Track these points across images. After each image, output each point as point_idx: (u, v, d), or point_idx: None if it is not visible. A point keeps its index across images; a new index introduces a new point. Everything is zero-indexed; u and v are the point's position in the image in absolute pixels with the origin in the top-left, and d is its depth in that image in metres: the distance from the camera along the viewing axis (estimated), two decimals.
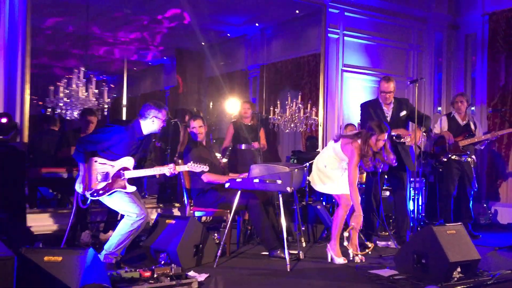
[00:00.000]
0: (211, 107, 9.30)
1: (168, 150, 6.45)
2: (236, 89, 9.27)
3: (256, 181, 4.18)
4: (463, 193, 6.12)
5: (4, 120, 4.72)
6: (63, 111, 5.74)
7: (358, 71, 7.70)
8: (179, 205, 6.42)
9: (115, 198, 4.00)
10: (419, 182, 6.32)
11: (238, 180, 4.28)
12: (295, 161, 6.74)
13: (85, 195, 3.97)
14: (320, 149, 7.36)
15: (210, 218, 6.31)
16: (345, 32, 7.63)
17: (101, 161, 3.98)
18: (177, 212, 6.62)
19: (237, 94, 8.92)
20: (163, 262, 4.05)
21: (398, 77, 5.18)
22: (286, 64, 8.60)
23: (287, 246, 4.19)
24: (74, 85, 5.74)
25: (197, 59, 9.73)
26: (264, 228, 4.56)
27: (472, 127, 6.13)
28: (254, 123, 6.04)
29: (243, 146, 5.96)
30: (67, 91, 5.72)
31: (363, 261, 4.46)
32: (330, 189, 4.59)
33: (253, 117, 6.04)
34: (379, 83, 5.31)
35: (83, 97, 5.72)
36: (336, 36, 7.57)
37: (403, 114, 5.16)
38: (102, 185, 3.97)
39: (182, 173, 4.91)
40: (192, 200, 4.87)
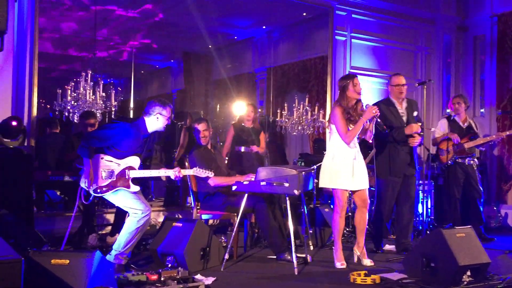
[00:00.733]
0: (218, 110, 9.31)
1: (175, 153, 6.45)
2: (243, 92, 9.27)
3: (263, 183, 4.15)
4: (470, 196, 6.05)
5: (14, 123, 4.74)
6: (70, 114, 5.76)
7: (365, 73, 7.66)
8: (186, 207, 6.43)
9: (119, 195, 3.98)
10: (428, 184, 6.27)
11: (245, 183, 4.26)
12: (303, 163, 6.71)
13: (88, 191, 3.94)
14: None
15: (217, 221, 6.32)
16: (352, 34, 7.61)
17: (107, 158, 3.96)
18: (184, 215, 6.62)
19: (244, 97, 8.92)
20: (170, 265, 4.04)
21: (406, 79, 5.13)
22: (293, 66, 8.59)
23: (294, 249, 4.16)
24: (81, 88, 5.76)
25: (205, 62, 9.75)
26: (271, 231, 4.53)
27: (474, 129, 6.07)
28: (256, 126, 6.01)
29: (242, 148, 5.93)
30: (75, 94, 5.75)
31: (372, 265, 4.42)
32: (328, 182, 4.44)
33: (256, 120, 6.02)
34: (388, 82, 5.15)
35: (91, 100, 5.74)
36: (343, 38, 7.55)
37: (415, 114, 5.00)
38: (106, 182, 3.95)
39: (189, 176, 4.90)
40: (199, 203, 4.86)
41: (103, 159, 3.96)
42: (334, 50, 7.46)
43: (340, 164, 4.38)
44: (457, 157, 5.97)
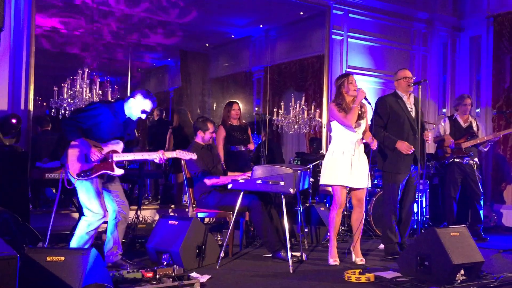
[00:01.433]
0: (214, 108, 9.30)
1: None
2: (240, 91, 9.27)
3: (258, 182, 4.17)
4: (469, 196, 6.08)
5: (14, 120, 4.74)
6: (67, 112, 5.75)
7: (362, 73, 7.69)
8: (182, 206, 6.43)
9: (83, 187, 3.89)
10: (423, 184, 6.30)
11: (241, 181, 4.28)
12: (299, 162, 6.73)
13: (72, 175, 3.87)
14: (324, 151, 7.36)
15: (213, 219, 6.33)
16: (349, 33, 7.63)
17: (91, 142, 3.90)
18: (180, 213, 6.63)
19: (241, 95, 8.92)
20: (165, 263, 4.06)
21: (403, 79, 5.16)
22: (290, 65, 8.59)
23: (290, 247, 4.18)
24: (78, 86, 5.76)
25: (202, 60, 9.74)
26: (266, 229, 4.55)
27: (474, 128, 6.10)
28: (242, 124, 6.03)
29: (235, 147, 5.93)
30: (71, 92, 5.74)
31: (363, 263, 4.45)
32: (327, 179, 4.47)
33: (241, 117, 6.06)
34: (394, 79, 5.01)
35: (87, 98, 5.73)
36: (340, 37, 7.57)
37: (420, 110, 4.91)
38: (90, 165, 3.88)
39: (185, 174, 4.92)
40: (195, 201, 4.87)
41: (86, 141, 3.88)
42: (330, 49, 7.48)
43: (338, 160, 4.41)
44: (454, 157, 6.00)
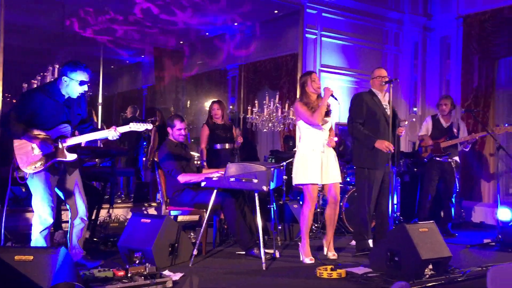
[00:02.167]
0: (188, 106, 9.27)
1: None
2: (214, 88, 9.26)
3: (232, 180, 4.18)
4: (443, 194, 6.21)
5: None
6: None
7: (335, 72, 7.77)
8: (156, 204, 6.39)
9: (35, 185, 3.75)
10: (394, 181, 6.40)
11: (214, 179, 4.28)
12: (273, 160, 6.76)
13: (24, 170, 3.71)
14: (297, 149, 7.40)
15: (187, 217, 6.31)
16: (322, 32, 7.70)
17: (36, 132, 3.73)
18: (153, 211, 6.60)
19: (215, 93, 8.91)
20: (137, 261, 4.02)
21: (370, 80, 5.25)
22: (264, 63, 8.62)
23: (263, 245, 4.20)
24: None
25: (176, 57, 9.69)
26: (239, 227, 4.56)
27: (454, 129, 6.24)
28: (227, 122, 6.03)
29: (218, 145, 5.94)
30: None
31: (335, 258, 4.51)
32: (299, 178, 4.50)
33: (225, 116, 6.04)
34: (370, 78, 5.07)
35: None
36: (313, 36, 7.63)
37: (395, 110, 5.00)
38: (39, 156, 3.73)
39: (158, 172, 4.89)
40: (168, 199, 4.85)
41: (31, 134, 3.71)
42: (304, 48, 7.54)
43: (308, 158, 4.46)
44: (433, 155, 6.14)
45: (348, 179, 6.39)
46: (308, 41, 7.58)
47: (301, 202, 6.17)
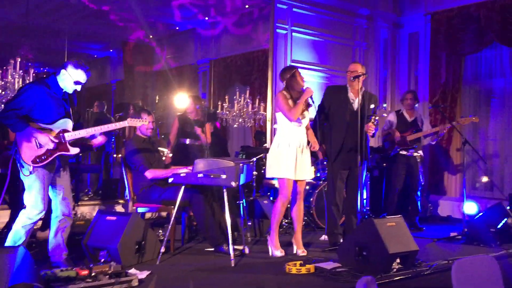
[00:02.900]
0: (157, 101, 9.14)
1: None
2: (185, 84, 9.14)
3: (200, 175, 4.11)
4: (410, 188, 6.29)
5: None
6: None
7: (306, 67, 7.76)
8: (123, 201, 6.27)
9: (34, 179, 3.72)
10: (364, 176, 6.45)
11: (182, 174, 4.21)
12: (244, 156, 6.72)
13: (26, 163, 3.68)
14: (268, 144, 7.38)
15: (155, 214, 6.21)
16: (293, 28, 7.67)
17: (37, 126, 3.72)
18: (121, 208, 6.47)
19: (186, 88, 8.79)
20: (103, 260, 3.92)
21: (344, 74, 5.25)
22: (236, 59, 8.57)
23: (232, 241, 4.15)
24: (9, 77, 5.46)
25: (145, 52, 9.53)
26: (208, 224, 4.51)
27: (419, 123, 6.32)
28: (200, 118, 5.96)
29: (187, 140, 5.87)
30: (2, 83, 5.44)
31: (305, 254, 4.50)
32: (273, 172, 4.48)
33: (199, 112, 5.95)
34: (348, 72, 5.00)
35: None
36: (284, 31, 7.60)
37: (372, 106, 4.92)
38: (43, 150, 3.72)
39: (124, 168, 4.78)
40: (135, 196, 4.75)
41: (33, 128, 3.69)
42: (275, 43, 7.50)
43: (284, 152, 4.43)
44: (399, 149, 6.19)
45: (318, 174, 6.39)
46: (279, 36, 7.55)
47: (272, 198, 6.17)
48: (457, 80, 7.62)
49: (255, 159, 5.52)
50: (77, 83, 3.85)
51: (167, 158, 5.67)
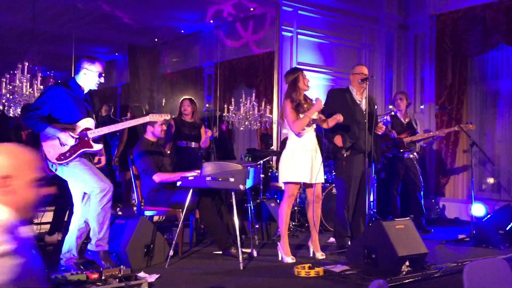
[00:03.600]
0: (164, 104, 9.16)
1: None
2: (190, 87, 9.16)
3: (208, 179, 4.12)
4: (411, 189, 6.27)
5: None
6: (5, 108, 5.48)
7: (311, 69, 7.76)
8: (129, 205, 6.28)
9: (73, 170, 3.80)
10: (371, 178, 6.44)
11: (190, 178, 4.21)
12: (250, 159, 6.72)
13: (51, 161, 3.76)
14: (274, 147, 7.39)
15: (163, 217, 6.22)
16: (298, 30, 7.68)
17: (61, 126, 3.80)
18: (127, 212, 6.47)
19: (191, 91, 8.81)
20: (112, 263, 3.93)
21: (350, 76, 5.26)
22: (241, 61, 8.57)
23: (240, 244, 4.15)
24: (17, 81, 5.49)
25: (151, 55, 9.56)
26: (216, 227, 4.51)
27: (414, 125, 6.30)
28: (195, 121, 5.93)
29: (182, 143, 5.84)
30: (10, 87, 5.47)
31: (323, 257, 4.49)
32: (290, 176, 4.42)
33: (195, 114, 5.93)
34: (350, 74, 5.07)
35: (27, 93, 5.48)
36: (290, 34, 7.61)
37: (375, 108, 5.01)
38: (66, 148, 3.79)
39: (132, 172, 4.79)
40: (143, 199, 4.76)
41: (54, 127, 3.77)
42: (280, 45, 7.51)
43: (298, 156, 4.39)
44: (396, 151, 6.18)
45: (325, 177, 6.38)
46: (284, 39, 7.56)
47: (278, 200, 6.17)
48: (463, 81, 7.60)
49: (261, 161, 5.52)
50: (100, 75, 3.93)
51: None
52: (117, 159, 6.66)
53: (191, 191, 4.25)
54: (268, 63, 7.82)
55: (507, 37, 7.02)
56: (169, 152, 5.77)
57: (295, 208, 5.96)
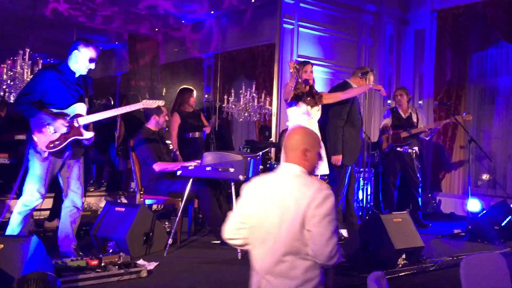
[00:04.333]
0: (163, 94, 9.15)
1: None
2: (190, 77, 9.14)
3: (208, 169, 4.14)
4: (408, 184, 6.31)
5: None
6: (6, 94, 5.48)
7: (312, 62, 7.75)
8: (126, 193, 6.30)
9: (37, 163, 3.72)
10: (367, 172, 6.49)
11: (190, 167, 4.24)
12: (249, 150, 6.74)
13: (42, 149, 3.70)
14: (273, 139, 7.41)
15: (161, 206, 6.25)
16: (299, 23, 7.67)
17: (51, 112, 3.73)
18: (127, 200, 6.51)
19: (191, 81, 8.80)
20: (111, 250, 3.95)
21: (350, 70, 5.28)
22: (241, 53, 8.55)
23: None
24: (18, 67, 5.48)
25: (151, 45, 9.53)
26: (214, 216, 4.55)
27: (414, 119, 6.33)
28: (196, 110, 5.98)
29: (190, 134, 5.87)
30: (11, 73, 5.45)
31: None
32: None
33: (193, 104, 5.98)
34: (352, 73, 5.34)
35: (28, 80, 5.47)
36: (291, 26, 7.60)
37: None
38: (57, 135, 3.72)
39: (132, 160, 4.81)
40: (142, 188, 4.79)
41: (45, 113, 3.70)
42: (281, 38, 7.51)
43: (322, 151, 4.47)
44: (393, 145, 6.22)
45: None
46: (285, 31, 7.55)
47: None
48: (462, 77, 7.63)
49: (261, 153, 5.53)
50: (91, 60, 3.83)
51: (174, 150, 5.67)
52: (120, 148, 6.65)
53: (191, 180, 4.28)
54: (268, 55, 7.82)
55: (507, 34, 7.04)
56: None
57: None
